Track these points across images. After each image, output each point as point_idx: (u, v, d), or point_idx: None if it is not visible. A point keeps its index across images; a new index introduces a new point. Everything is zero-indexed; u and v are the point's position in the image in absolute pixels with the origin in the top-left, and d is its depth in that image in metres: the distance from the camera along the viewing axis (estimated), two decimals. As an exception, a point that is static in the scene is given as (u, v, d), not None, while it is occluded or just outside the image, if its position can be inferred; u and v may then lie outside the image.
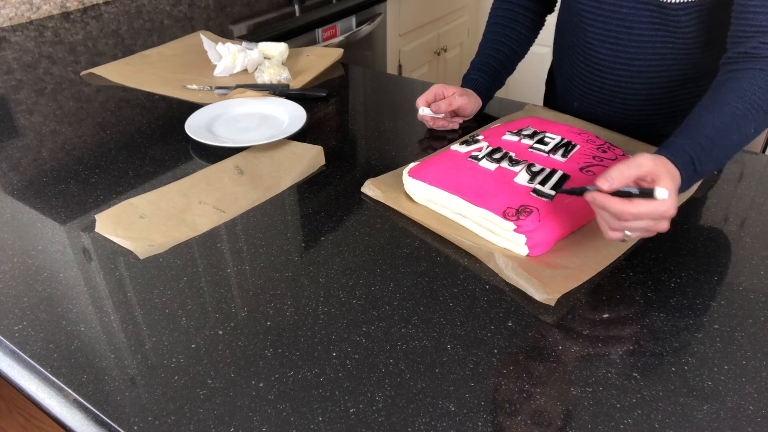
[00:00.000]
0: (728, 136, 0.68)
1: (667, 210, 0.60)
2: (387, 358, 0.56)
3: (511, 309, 0.62)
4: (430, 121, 0.96)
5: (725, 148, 0.69)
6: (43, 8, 1.57)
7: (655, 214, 0.60)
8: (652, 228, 0.62)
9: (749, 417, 0.50)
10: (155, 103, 1.08)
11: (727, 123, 0.68)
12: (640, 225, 0.61)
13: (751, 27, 0.73)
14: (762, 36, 0.72)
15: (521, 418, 0.50)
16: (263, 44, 1.22)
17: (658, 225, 0.62)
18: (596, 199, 0.62)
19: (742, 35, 0.74)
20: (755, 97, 0.69)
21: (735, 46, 0.75)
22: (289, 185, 0.83)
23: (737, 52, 0.75)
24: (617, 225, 0.62)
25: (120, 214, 0.76)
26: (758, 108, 0.69)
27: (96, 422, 0.51)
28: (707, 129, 0.68)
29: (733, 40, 0.76)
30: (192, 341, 0.58)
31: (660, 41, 0.87)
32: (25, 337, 0.59)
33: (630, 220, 0.60)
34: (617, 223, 0.62)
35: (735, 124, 0.68)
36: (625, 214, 0.60)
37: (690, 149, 0.67)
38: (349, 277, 0.66)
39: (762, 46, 0.72)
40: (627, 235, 0.63)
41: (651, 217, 0.60)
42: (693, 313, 0.61)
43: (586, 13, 0.91)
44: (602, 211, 0.63)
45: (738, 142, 0.69)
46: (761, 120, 0.70)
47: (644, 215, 0.60)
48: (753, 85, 0.70)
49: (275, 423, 0.50)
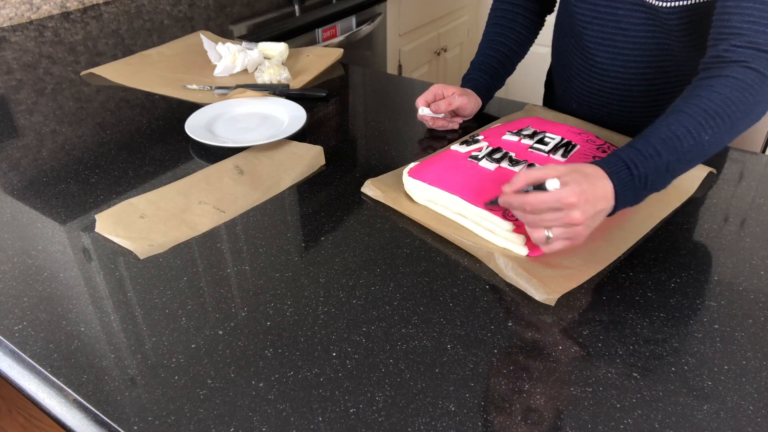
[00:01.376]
0: (677, 142, 0.67)
1: (564, 197, 0.61)
2: (387, 358, 0.56)
3: (511, 309, 0.62)
4: (429, 121, 0.96)
5: (676, 153, 0.67)
6: (43, 8, 1.57)
7: (551, 201, 0.62)
8: (564, 219, 0.62)
9: (749, 417, 0.50)
10: (155, 103, 1.08)
11: (677, 130, 0.67)
12: (549, 217, 0.63)
13: (726, 28, 0.72)
14: (734, 38, 0.71)
15: (521, 417, 0.50)
16: (263, 44, 1.22)
17: (568, 215, 0.62)
18: (503, 199, 0.66)
19: (717, 37, 0.73)
20: (712, 103, 0.68)
21: (711, 49, 0.74)
22: (289, 185, 0.83)
23: (711, 56, 0.74)
24: (529, 219, 0.64)
25: (120, 214, 0.76)
26: (714, 115, 0.68)
27: (96, 422, 0.51)
28: (651, 137, 0.68)
29: (711, 42, 0.75)
30: (192, 341, 0.58)
31: (655, 44, 0.87)
32: (25, 337, 0.59)
33: (532, 212, 0.63)
34: (527, 217, 0.64)
35: (685, 130, 0.67)
36: (525, 205, 0.63)
37: (623, 154, 0.67)
38: (349, 277, 0.66)
39: (732, 49, 0.71)
40: (548, 234, 0.64)
41: (549, 205, 0.62)
42: (693, 313, 0.61)
43: (582, 16, 0.92)
44: (516, 211, 0.66)
45: (692, 149, 0.68)
46: (719, 126, 0.68)
47: (540, 203, 0.62)
48: (712, 92, 0.69)
49: (275, 423, 0.50)
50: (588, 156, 0.79)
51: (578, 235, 0.64)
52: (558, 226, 0.63)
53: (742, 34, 0.70)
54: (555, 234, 0.63)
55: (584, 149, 0.81)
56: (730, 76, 0.70)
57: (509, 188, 0.65)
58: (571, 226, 0.63)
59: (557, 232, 0.64)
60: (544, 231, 0.64)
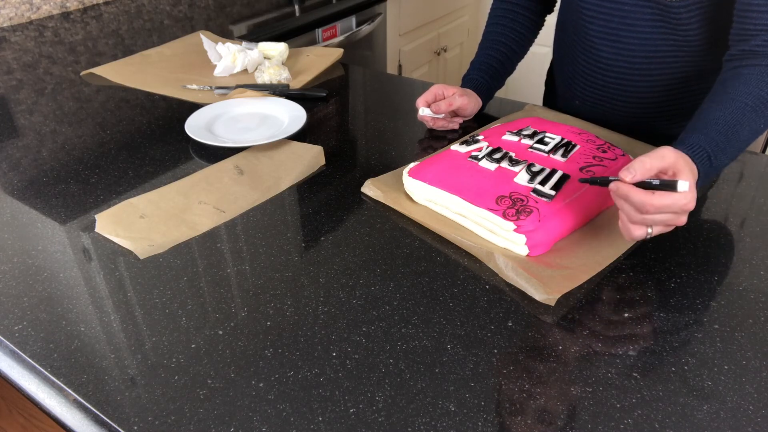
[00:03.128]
0: (740, 131, 0.68)
1: (687, 203, 0.59)
2: (387, 358, 0.56)
3: (511, 309, 0.62)
4: (430, 121, 0.96)
5: (737, 142, 0.69)
6: (43, 8, 1.57)
7: (675, 206, 0.59)
8: (672, 222, 0.61)
9: (749, 417, 0.50)
10: (155, 103, 1.08)
11: (739, 118, 0.68)
12: (662, 218, 0.61)
13: (755, 25, 0.73)
14: (765, 34, 0.72)
15: (521, 418, 0.50)
16: (263, 44, 1.22)
17: (678, 218, 0.61)
18: (620, 188, 0.61)
19: (744, 33, 0.74)
20: (763, 92, 0.70)
21: (738, 43, 0.76)
22: (289, 185, 0.83)
23: (740, 50, 0.75)
24: (639, 218, 0.61)
25: (120, 214, 0.76)
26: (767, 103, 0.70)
27: (96, 422, 0.51)
28: (720, 124, 0.68)
29: (736, 38, 0.76)
30: (192, 341, 0.58)
31: (662, 39, 0.87)
32: (25, 337, 0.59)
33: (651, 213, 0.60)
34: (639, 215, 0.61)
35: (746, 118, 0.68)
36: (647, 206, 0.59)
37: (706, 145, 0.67)
38: (349, 277, 0.66)
39: (765, 44, 0.72)
40: (649, 232, 0.62)
41: (672, 209, 0.60)
42: (693, 313, 0.61)
43: (587, 11, 0.91)
44: (624, 204, 0.62)
45: (748, 138, 0.70)
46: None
47: (666, 207, 0.59)
48: (761, 81, 0.71)
49: (275, 423, 0.50)
50: (588, 156, 0.79)
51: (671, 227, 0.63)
52: (663, 225, 0.62)
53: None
54: (655, 231, 0.62)
55: (584, 149, 0.81)
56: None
57: (631, 177, 0.60)
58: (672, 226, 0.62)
59: (657, 230, 0.62)
60: (647, 229, 0.62)
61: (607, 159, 0.79)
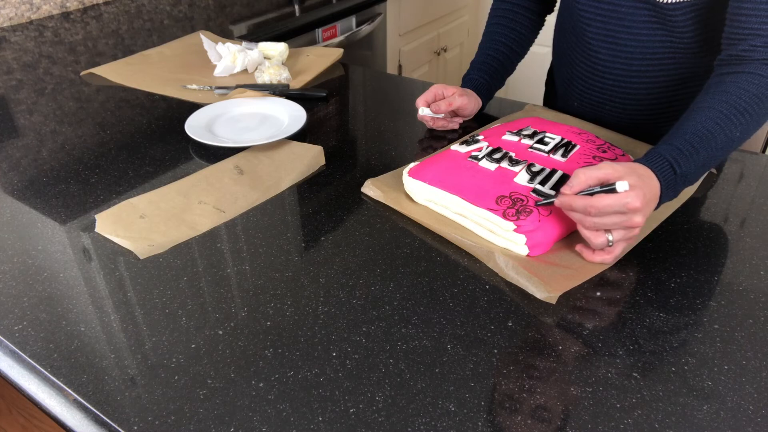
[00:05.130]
0: (712, 139, 0.69)
1: (630, 201, 0.61)
2: (387, 358, 0.56)
3: (511, 309, 0.62)
4: (429, 121, 0.96)
5: (710, 150, 0.69)
6: (43, 8, 1.57)
7: (618, 205, 0.61)
8: (626, 223, 0.63)
9: (749, 417, 0.50)
10: (155, 103, 1.08)
11: (710, 127, 0.69)
12: (612, 220, 0.63)
13: (743, 30, 0.73)
14: (753, 39, 0.73)
15: (521, 417, 0.50)
16: (263, 44, 1.22)
17: (630, 219, 0.63)
18: (563, 201, 0.65)
19: (734, 37, 0.75)
20: (741, 101, 0.70)
21: (727, 48, 0.76)
22: (289, 185, 0.83)
23: (729, 55, 0.75)
24: (590, 222, 0.64)
25: (120, 214, 0.76)
26: (743, 112, 0.70)
27: (96, 422, 0.51)
28: (688, 134, 0.69)
29: (726, 42, 0.76)
30: (192, 341, 0.58)
31: (658, 41, 0.87)
32: (25, 337, 0.59)
33: (595, 214, 0.63)
34: (589, 220, 0.64)
35: (719, 127, 0.69)
36: (589, 208, 0.62)
37: (667, 153, 0.68)
38: (349, 277, 0.66)
39: (752, 49, 0.72)
40: (609, 239, 0.64)
41: (615, 209, 0.62)
42: (693, 313, 0.61)
43: (585, 13, 0.92)
44: (573, 214, 0.65)
45: (723, 146, 0.70)
46: (747, 123, 0.70)
47: (608, 207, 0.62)
48: (739, 89, 0.71)
49: (275, 423, 0.50)
50: (588, 156, 0.79)
51: (633, 237, 0.65)
52: (618, 229, 0.64)
53: (761, 35, 0.72)
54: (615, 237, 0.64)
55: (584, 149, 0.81)
56: (754, 72, 0.71)
57: (570, 190, 0.65)
58: (630, 230, 0.64)
59: (617, 236, 0.64)
60: (606, 235, 0.64)
61: (607, 159, 0.79)
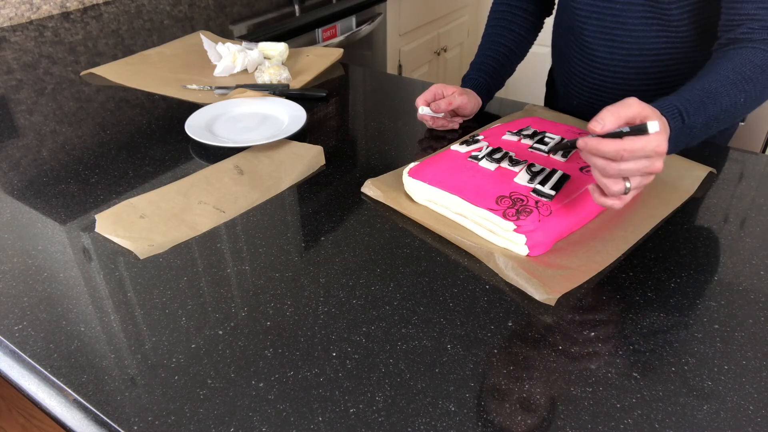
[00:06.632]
0: (718, 99, 0.70)
1: (659, 144, 0.58)
2: (387, 358, 0.56)
3: (511, 309, 0.62)
4: (429, 120, 0.96)
5: (716, 110, 0.70)
6: (43, 8, 1.57)
7: (648, 148, 0.58)
8: (648, 169, 0.60)
9: (749, 417, 0.50)
10: (155, 103, 1.08)
11: (717, 87, 0.70)
12: (637, 165, 0.59)
13: (740, 15, 0.75)
14: (750, 23, 0.74)
15: (521, 417, 0.50)
16: (263, 44, 1.22)
17: (653, 164, 0.60)
18: (589, 143, 0.60)
19: (731, 23, 0.77)
20: (746, 69, 0.72)
21: (725, 33, 0.78)
22: (289, 185, 0.83)
23: (728, 38, 0.77)
24: (614, 169, 0.60)
25: (120, 214, 0.76)
26: (748, 79, 0.71)
27: (96, 422, 0.51)
28: (696, 90, 0.70)
29: (723, 28, 0.78)
30: (192, 341, 0.58)
31: (655, 36, 0.87)
32: (25, 337, 0.59)
33: (626, 159, 0.59)
34: (614, 167, 0.60)
35: (725, 89, 0.70)
36: (621, 152, 0.58)
37: (677, 102, 0.69)
38: (349, 277, 0.66)
39: (751, 31, 0.74)
40: (627, 186, 0.61)
41: (645, 152, 0.58)
42: (693, 313, 0.61)
43: (581, 11, 0.92)
44: (597, 160, 0.61)
45: (728, 108, 0.71)
46: (751, 91, 0.72)
47: (639, 150, 0.58)
48: (744, 59, 0.73)
49: (275, 423, 0.50)
50: (588, 156, 0.79)
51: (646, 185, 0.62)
52: (639, 175, 0.60)
53: (758, 19, 0.74)
54: (633, 184, 0.61)
55: (584, 149, 0.81)
56: (757, 48, 0.73)
57: (599, 128, 0.59)
58: (648, 176, 0.61)
59: (635, 183, 0.61)
60: (624, 182, 0.60)
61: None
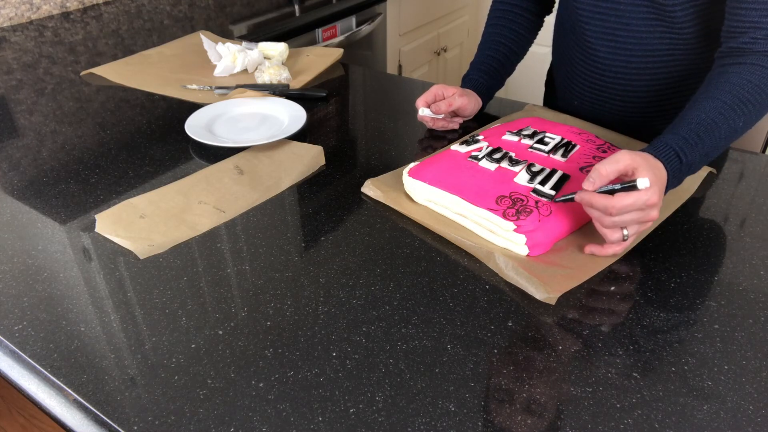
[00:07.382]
0: (716, 129, 0.70)
1: (649, 198, 0.62)
2: (387, 358, 0.56)
3: (511, 309, 0.62)
4: (429, 121, 0.96)
5: (714, 140, 0.70)
6: (43, 8, 1.57)
7: (639, 203, 0.62)
8: (642, 219, 0.64)
9: (749, 417, 0.50)
10: (155, 103, 1.08)
11: (714, 116, 0.70)
12: (631, 217, 0.63)
13: (744, 23, 0.74)
14: (754, 31, 0.73)
15: (521, 418, 0.50)
16: (263, 44, 1.22)
17: (648, 214, 0.63)
18: (583, 198, 0.65)
19: (734, 31, 0.76)
20: (744, 91, 0.71)
21: (727, 41, 0.77)
22: (289, 185, 0.83)
23: (729, 47, 0.76)
24: (609, 221, 0.64)
25: (120, 214, 0.76)
26: (746, 102, 0.71)
27: (96, 422, 0.51)
28: (692, 123, 0.70)
29: (726, 35, 0.77)
30: (192, 341, 0.58)
31: (658, 38, 0.87)
32: (25, 337, 0.59)
33: (616, 214, 0.63)
34: (608, 219, 0.64)
35: (722, 116, 0.70)
36: (610, 208, 0.63)
37: (673, 143, 0.69)
38: (349, 277, 0.66)
39: (753, 42, 0.73)
40: (624, 234, 0.65)
41: (636, 207, 0.62)
42: (693, 313, 0.61)
43: (583, 11, 0.92)
44: (593, 211, 0.65)
45: (727, 134, 0.71)
46: (750, 113, 0.71)
47: (629, 207, 0.62)
48: (742, 79, 0.72)
49: (275, 423, 0.50)
50: (588, 156, 0.79)
51: (646, 228, 0.67)
52: (635, 224, 0.64)
53: (762, 28, 0.73)
54: (630, 231, 0.65)
55: (584, 149, 0.81)
56: (756, 64, 0.72)
57: (591, 186, 0.64)
58: (645, 223, 0.65)
59: (632, 230, 0.65)
60: (622, 231, 0.65)
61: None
